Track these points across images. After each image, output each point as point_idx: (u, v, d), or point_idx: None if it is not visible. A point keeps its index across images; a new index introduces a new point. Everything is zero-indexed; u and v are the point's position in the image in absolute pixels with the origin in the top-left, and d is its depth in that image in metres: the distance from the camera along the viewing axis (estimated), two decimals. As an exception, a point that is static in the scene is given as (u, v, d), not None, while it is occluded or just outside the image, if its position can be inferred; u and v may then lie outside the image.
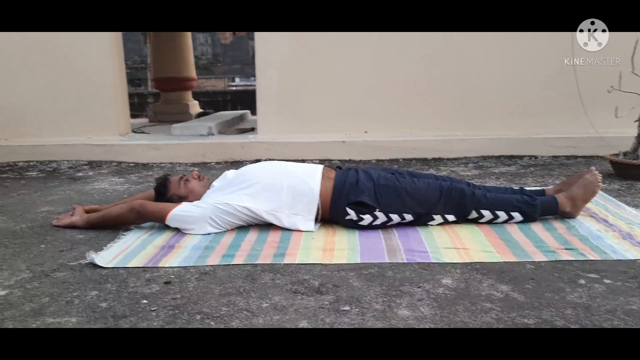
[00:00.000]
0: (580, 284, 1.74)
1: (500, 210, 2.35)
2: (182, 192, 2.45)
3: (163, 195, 2.48)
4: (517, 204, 2.36)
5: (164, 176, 2.59)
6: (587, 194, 2.40)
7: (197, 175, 2.52)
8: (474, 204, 2.34)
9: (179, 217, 2.29)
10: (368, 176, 2.37)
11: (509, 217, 2.35)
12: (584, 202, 2.41)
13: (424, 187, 2.34)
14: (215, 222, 2.30)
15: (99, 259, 1.99)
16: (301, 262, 1.99)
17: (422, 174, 2.56)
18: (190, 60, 7.34)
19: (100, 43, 4.38)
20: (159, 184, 2.52)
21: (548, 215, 2.41)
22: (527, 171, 3.67)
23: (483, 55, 4.34)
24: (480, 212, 2.35)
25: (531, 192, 2.50)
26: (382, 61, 4.42)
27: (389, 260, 2.00)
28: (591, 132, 3.96)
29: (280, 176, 2.36)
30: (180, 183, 2.47)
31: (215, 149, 4.33)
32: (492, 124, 4.39)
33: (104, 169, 4.03)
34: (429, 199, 2.33)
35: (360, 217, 2.31)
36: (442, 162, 4.08)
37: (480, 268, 1.90)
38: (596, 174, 2.41)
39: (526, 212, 2.35)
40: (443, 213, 2.35)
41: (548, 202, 2.40)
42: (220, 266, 1.96)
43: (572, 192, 2.40)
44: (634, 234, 2.17)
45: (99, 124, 4.48)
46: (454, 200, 2.33)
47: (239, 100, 12.29)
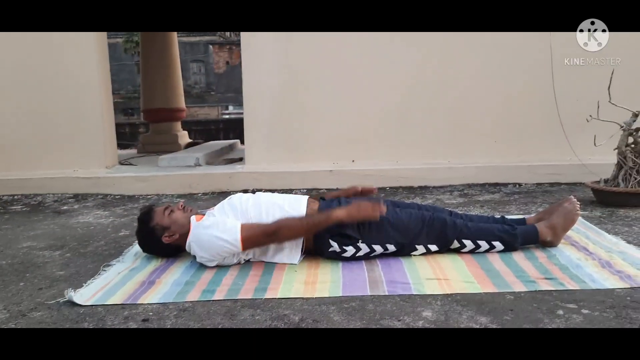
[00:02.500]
0: (559, 314, 1.74)
1: (481, 240, 2.36)
2: (166, 223, 2.41)
3: (146, 224, 2.44)
4: (498, 233, 2.37)
5: (148, 206, 2.57)
6: (567, 222, 2.42)
7: (182, 206, 2.50)
8: (456, 234, 2.35)
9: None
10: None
11: (491, 246, 2.36)
12: (564, 230, 2.43)
13: (406, 218, 2.35)
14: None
15: (77, 297, 1.98)
16: (282, 297, 1.98)
17: (405, 203, 2.58)
18: (180, 91, 7.39)
19: (88, 75, 4.41)
20: (143, 214, 2.49)
21: (529, 244, 2.42)
22: (511, 199, 3.70)
23: (468, 86, 4.41)
24: (462, 241, 2.36)
25: (512, 221, 2.52)
26: (368, 91, 4.48)
27: (370, 292, 1.99)
28: (574, 160, 4.01)
29: (268, 210, 2.36)
30: (165, 213, 2.45)
31: (203, 179, 4.34)
32: (477, 152, 4.43)
33: (89, 202, 4.02)
34: (411, 229, 2.33)
35: (343, 248, 2.31)
36: (428, 190, 4.11)
37: (461, 299, 1.90)
38: (575, 203, 2.43)
39: (507, 242, 2.36)
40: (426, 243, 2.35)
41: (528, 231, 2.42)
42: (200, 302, 1.95)
43: (552, 221, 2.42)
44: (613, 262, 2.18)
45: (86, 156, 4.48)
46: (436, 231, 2.34)
47: (232, 128, 12.37)
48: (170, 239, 2.39)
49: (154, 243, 2.43)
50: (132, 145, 7.88)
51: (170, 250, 2.44)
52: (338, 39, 4.40)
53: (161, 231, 2.39)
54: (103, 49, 4.57)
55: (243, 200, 2.43)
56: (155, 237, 2.40)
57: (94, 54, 4.40)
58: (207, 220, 2.33)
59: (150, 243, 2.45)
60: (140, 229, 2.46)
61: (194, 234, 2.30)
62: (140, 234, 2.48)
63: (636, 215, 3.08)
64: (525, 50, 4.34)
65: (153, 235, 2.40)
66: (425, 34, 4.33)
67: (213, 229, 2.25)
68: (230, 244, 2.22)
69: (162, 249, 2.44)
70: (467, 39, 4.36)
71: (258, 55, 4.39)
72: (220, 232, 2.23)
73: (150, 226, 2.42)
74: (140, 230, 2.47)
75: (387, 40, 4.37)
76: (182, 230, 2.38)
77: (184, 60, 26.22)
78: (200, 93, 27.22)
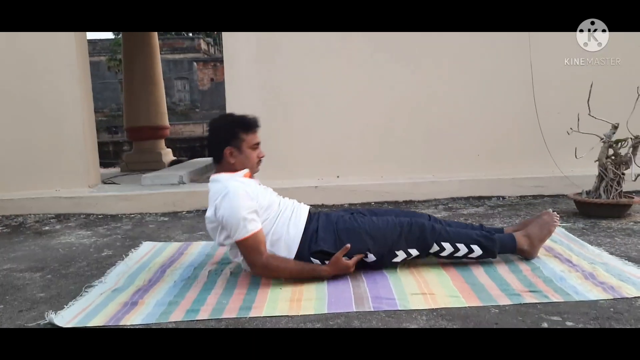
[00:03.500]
0: (543, 327, 1.74)
1: (460, 243, 2.36)
2: (243, 145, 2.32)
3: (232, 123, 2.33)
4: (476, 237, 2.38)
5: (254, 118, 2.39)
6: (543, 232, 2.44)
7: (259, 159, 2.41)
8: (435, 237, 2.35)
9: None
10: (328, 221, 2.37)
11: (469, 250, 2.36)
12: (540, 241, 2.45)
13: (384, 225, 2.34)
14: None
15: (58, 319, 1.94)
16: (267, 315, 1.96)
17: (382, 211, 2.58)
18: (163, 109, 7.38)
19: (70, 94, 4.38)
20: (246, 117, 2.35)
21: (506, 251, 2.44)
22: (495, 212, 3.72)
23: (450, 100, 4.46)
24: (441, 244, 2.35)
25: (490, 229, 2.54)
26: (352, 107, 4.50)
27: (356, 309, 1.98)
28: (556, 172, 4.06)
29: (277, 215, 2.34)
30: (252, 139, 2.34)
31: (187, 197, 4.31)
32: (461, 166, 4.47)
33: (71, 222, 3.96)
34: (389, 236, 2.32)
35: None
36: (413, 205, 4.12)
37: (446, 314, 1.90)
38: (553, 215, 2.46)
39: (485, 246, 2.37)
40: (405, 248, 2.34)
41: (506, 238, 2.43)
42: (183, 322, 1.92)
43: (528, 231, 2.45)
44: (597, 274, 2.20)
45: (68, 175, 4.44)
46: (415, 235, 2.34)
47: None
48: (230, 156, 2.32)
49: (217, 139, 2.35)
50: (116, 163, 7.82)
51: (217, 156, 2.36)
52: (321, 56, 4.43)
53: (233, 141, 2.32)
54: (84, 67, 4.55)
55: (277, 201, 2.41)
56: (224, 137, 2.33)
57: (75, 72, 4.38)
58: (247, 197, 2.23)
59: (216, 135, 2.36)
60: (223, 119, 2.39)
61: (232, 188, 2.22)
62: (218, 123, 2.38)
63: (618, 226, 3.12)
64: (507, 65, 4.41)
65: (226, 134, 2.33)
66: (409, 50, 4.41)
67: (244, 206, 2.19)
68: (238, 229, 2.18)
69: (214, 149, 2.36)
70: (450, 55, 4.43)
71: (241, 73, 4.41)
72: (244, 216, 2.18)
73: (232, 128, 2.33)
74: (221, 120, 2.38)
75: (370, 57, 4.41)
76: (240, 164, 2.33)
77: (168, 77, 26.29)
78: (185, 110, 27.19)
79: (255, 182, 2.39)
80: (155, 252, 2.94)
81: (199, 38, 28.01)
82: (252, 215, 2.22)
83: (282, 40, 4.33)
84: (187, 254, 2.85)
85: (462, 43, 4.36)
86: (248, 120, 2.36)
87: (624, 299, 1.95)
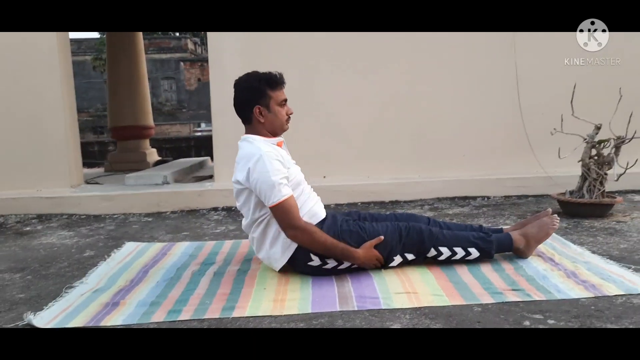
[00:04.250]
0: (525, 325, 1.75)
1: (457, 247, 2.38)
2: (271, 102, 2.30)
3: (258, 80, 2.29)
4: (473, 240, 2.39)
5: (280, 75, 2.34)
6: (541, 234, 2.45)
7: (289, 117, 2.39)
8: (432, 242, 2.36)
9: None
10: (334, 222, 2.37)
11: (467, 253, 2.38)
12: (537, 242, 2.46)
13: (384, 231, 2.34)
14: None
15: (37, 321, 1.91)
16: (250, 315, 1.95)
17: (382, 216, 2.58)
18: (148, 109, 7.31)
19: (52, 93, 4.32)
20: (271, 74, 2.31)
21: (504, 251, 2.45)
22: (479, 211, 3.74)
23: (436, 101, 4.47)
24: (438, 249, 2.37)
25: (488, 230, 2.54)
26: (337, 107, 4.49)
27: (340, 308, 1.98)
28: (540, 172, 4.08)
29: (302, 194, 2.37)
30: (280, 96, 2.32)
31: (171, 198, 4.28)
32: (446, 166, 4.48)
33: (53, 222, 3.91)
34: (389, 242, 2.32)
35: (325, 261, 2.29)
36: (399, 205, 4.12)
37: (429, 312, 1.90)
38: (553, 218, 2.47)
39: (482, 248, 2.38)
40: (402, 252, 2.36)
41: (503, 238, 2.44)
42: (165, 323, 1.90)
43: (526, 231, 2.46)
44: (578, 272, 2.22)
45: (50, 175, 4.38)
46: (413, 239, 2.35)
47: (203, 145, 12.21)
48: (260, 115, 2.30)
49: (245, 99, 2.32)
50: (101, 163, 7.72)
51: (246, 117, 2.35)
52: (306, 57, 4.42)
53: (261, 100, 2.29)
54: (67, 67, 4.50)
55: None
56: (252, 96, 2.30)
57: (57, 71, 4.32)
58: (280, 164, 2.23)
59: (243, 95, 2.33)
60: (248, 78, 2.33)
61: (266, 152, 2.21)
62: (245, 82, 2.33)
63: (600, 225, 3.14)
64: (491, 66, 4.43)
65: (253, 92, 2.30)
66: (394, 50, 4.40)
67: (279, 171, 2.20)
68: (273, 193, 2.17)
69: (243, 110, 2.35)
70: (435, 55, 4.43)
71: (226, 73, 4.36)
72: (279, 180, 2.18)
73: (259, 86, 2.29)
74: (247, 79, 2.33)
75: (355, 56, 4.41)
76: (269, 123, 2.32)
77: (154, 77, 26.16)
78: (172, 110, 27.02)
79: (287, 154, 2.39)
80: (138, 252, 2.91)
81: (186, 38, 27.87)
82: (285, 180, 2.22)
83: (266, 40, 4.31)
84: (171, 255, 2.83)
85: (448, 43, 4.37)
86: (274, 76, 2.32)
87: (605, 297, 1.97)
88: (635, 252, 2.57)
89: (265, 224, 2.32)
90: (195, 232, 3.45)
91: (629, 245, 2.70)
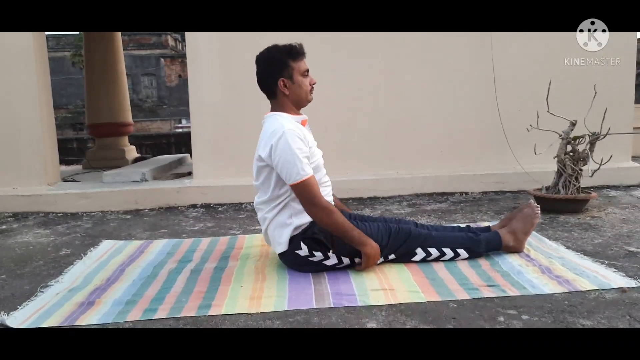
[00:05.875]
0: (500, 321, 1.77)
1: (446, 248, 2.40)
2: (295, 74, 2.33)
3: (281, 52, 2.32)
4: (462, 240, 2.42)
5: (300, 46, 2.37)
6: (527, 226, 2.49)
7: (312, 87, 2.44)
8: (420, 243, 2.38)
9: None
10: None
11: (455, 254, 2.40)
12: (525, 234, 2.50)
13: (375, 232, 2.35)
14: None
15: (10, 321, 1.88)
16: (227, 313, 1.94)
17: (372, 217, 2.60)
18: (126, 106, 7.21)
19: (27, 90, 4.24)
20: (294, 45, 2.34)
21: (493, 250, 2.48)
22: (457, 207, 3.77)
23: (413, 97, 4.48)
24: (427, 250, 2.39)
25: (477, 229, 2.57)
26: (316, 104, 4.47)
27: (316, 305, 1.98)
28: (517, 168, 4.13)
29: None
30: (302, 68, 2.37)
31: (149, 195, 4.24)
32: (424, 163, 4.50)
33: (29, 220, 3.86)
34: (378, 242, 2.32)
35: (312, 253, 2.29)
36: (377, 201, 4.14)
37: (405, 309, 1.91)
38: (534, 207, 2.51)
39: (471, 249, 2.41)
40: (390, 252, 2.37)
41: (492, 237, 2.47)
42: (140, 322, 1.89)
43: (512, 226, 2.49)
44: (553, 267, 2.25)
45: (26, 173, 4.30)
46: (401, 240, 2.37)
47: (184, 142, 12.13)
48: (284, 87, 2.31)
49: (268, 73, 2.33)
50: (80, 161, 7.61)
51: (271, 91, 2.36)
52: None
53: (285, 72, 2.30)
54: (43, 64, 4.41)
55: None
56: (275, 69, 2.31)
57: (33, 69, 4.24)
58: (303, 143, 2.25)
59: (266, 69, 2.34)
60: (269, 51, 2.34)
61: (289, 130, 2.22)
62: (266, 56, 2.35)
63: (576, 221, 3.19)
64: (469, 62, 4.46)
65: (276, 65, 2.31)
66: (371, 45, 4.40)
67: (301, 149, 2.21)
68: (296, 171, 2.17)
69: (267, 84, 2.35)
70: (413, 51, 4.45)
71: (203, 70, 4.35)
72: (302, 159, 2.19)
73: (281, 58, 2.31)
74: (269, 53, 2.34)
75: (331, 53, 4.39)
76: (294, 95, 2.34)
77: (134, 73, 25.91)
78: (153, 107, 26.75)
79: (309, 133, 2.41)
80: (115, 250, 2.88)
81: (166, 34, 27.58)
82: (306, 160, 2.23)
83: (243, 39, 4.27)
84: (148, 252, 2.81)
85: (424, 40, 4.38)
86: (294, 47, 2.33)
87: (578, 292, 2.00)
88: (608, 247, 2.62)
89: (282, 206, 2.31)
90: (174, 229, 3.43)
91: (602, 240, 2.75)
